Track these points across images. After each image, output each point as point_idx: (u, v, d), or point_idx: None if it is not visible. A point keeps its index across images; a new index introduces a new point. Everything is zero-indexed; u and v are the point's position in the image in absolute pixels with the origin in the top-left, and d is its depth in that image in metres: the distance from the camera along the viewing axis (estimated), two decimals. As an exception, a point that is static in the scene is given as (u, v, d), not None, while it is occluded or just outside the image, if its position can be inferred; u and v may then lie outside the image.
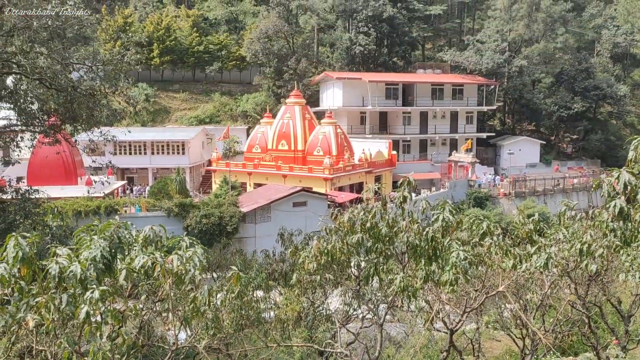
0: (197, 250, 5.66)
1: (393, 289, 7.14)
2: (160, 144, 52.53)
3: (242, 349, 9.11)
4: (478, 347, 12.76)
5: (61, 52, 17.72)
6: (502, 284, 7.72)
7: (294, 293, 14.53)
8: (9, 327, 4.91)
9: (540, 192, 52.90)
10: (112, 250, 5.31)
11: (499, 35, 63.83)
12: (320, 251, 7.59)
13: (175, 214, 37.56)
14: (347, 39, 64.96)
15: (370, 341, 12.09)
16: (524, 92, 64.39)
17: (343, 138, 50.00)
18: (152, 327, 6.22)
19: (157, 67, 66.55)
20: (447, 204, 7.35)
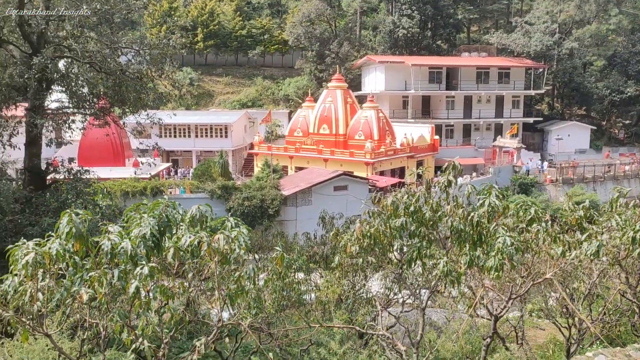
0: (242, 230, 5.75)
1: (436, 273, 7.08)
2: (204, 127, 53.37)
3: (284, 328, 9.23)
4: (522, 335, 12.53)
5: (110, 36, 18.16)
6: (549, 271, 7.53)
7: (335, 276, 14.59)
8: (64, 300, 5.12)
9: (589, 179, 51.18)
10: (160, 228, 5.45)
11: (548, 17, 61.57)
12: (363, 234, 7.58)
13: (218, 196, 38.22)
14: (390, 21, 64.03)
15: (411, 325, 12.03)
16: (574, 76, 62.11)
17: (385, 122, 49.57)
18: (197, 305, 6.38)
19: (201, 51, 67.40)
20: (493, 189, 7.20)
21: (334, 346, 12.65)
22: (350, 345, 12.47)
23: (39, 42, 17.07)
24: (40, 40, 17.12)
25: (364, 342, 13.60)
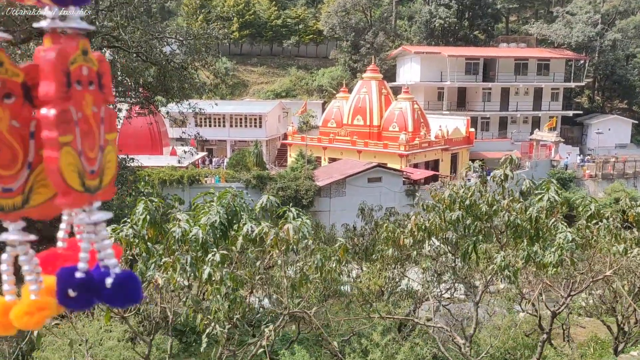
0: (305, 220, 5.85)
1: (492, 268, 7.06)
2: (239, 117, 53.81)
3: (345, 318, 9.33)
4: (567, 332, 12.39)
5: (156, 26, 18.48)
6: (609, 268, 7.43)
7: (376, 267, 14.65)
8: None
9: (630, 174, 49.77)
10: (228, 217, 5.59)
11: (591, 7, 59.84)
12: (418, 227, 7.61)
13: (253, 185, 38.61)
14: (426, 11, 63.21)
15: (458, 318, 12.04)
16: (617, 68, 60.30)
17: (419, 114, 49.11)
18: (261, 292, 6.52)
19: (236, 41, 67.81)
20: (552, 184, 7.12)
21: (376, 337, 12.75)
22: (392, 336, 12.54)
23: (89, 32, 17.40)
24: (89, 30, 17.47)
25: (406, 334, 13.66)
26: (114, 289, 0.91)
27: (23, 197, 0.91)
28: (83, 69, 0.89)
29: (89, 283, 0.91)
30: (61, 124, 0.85)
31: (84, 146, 0.89)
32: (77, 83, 0.88)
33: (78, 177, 0.87)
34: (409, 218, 9.67)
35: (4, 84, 0.88)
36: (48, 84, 0.86)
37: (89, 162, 0.89)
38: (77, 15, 0.88)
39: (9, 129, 0.89)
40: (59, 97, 0.85)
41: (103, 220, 0.91)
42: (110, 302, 0.92)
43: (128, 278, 0.92)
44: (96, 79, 0.92)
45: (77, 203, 0.88)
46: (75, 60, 0.88)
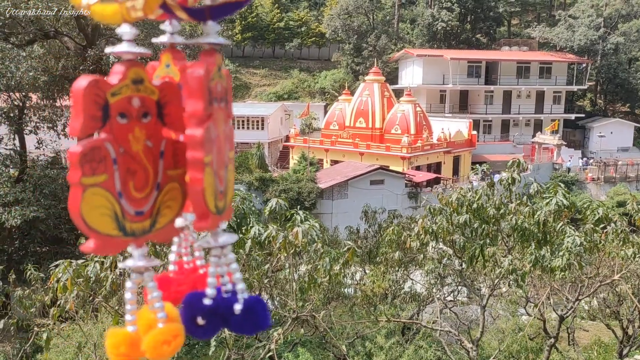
0: (314, 224, 5.84)
1: (500, 271, 7.05)
2: (241, 119, 53.85)
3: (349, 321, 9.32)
4: (572, 336, 12.37)
5: (159, 28, 18.51)
6: (618, 272, 7.42)
7: (380, 270, 14.64)
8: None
9: (632, 178, 49.72)
10: (237, 220, 5.59)
11: (593, 10, 59.86)
12: (425, 230, 7.61)
13: (256, 187, 38.60)
14: (429, 14, 63.29)
15: (463, 321, 12.03)
16: (619, 71, 60.30)
17: (422, 117, 49.12)
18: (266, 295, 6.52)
19: (239, 43, 67.93)
20: (559, 187, 7.11)
21: (380, 340, 12.73)
22: (396, 339, 12.53)
23: (94, 35, 17.51)
24: (95, 32, 17.56)
25: (410, 337, 13.64)
26: (243, 315, 0.87)
27: (151, 220, 0.88)
28: (133, 101, 0.85)
29: (216, 309, 0.88)
30: (206, 144, 0.81)
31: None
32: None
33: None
34: (414, 221, 9.67)
35: (144, 102, 0.86)
36: (196, 102, 0.82)
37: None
38: (215, 30, 0.85)
39: (144, 149, 0.87)
40: (206, 115, 0.82)
41: (230, 243, 0.89)
42: (239, 329, 0.88)
43: (255, 303, 0.88)
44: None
45: (214, 225, 0.85)
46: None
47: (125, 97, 0.84)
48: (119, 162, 0.83)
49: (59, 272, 5.58)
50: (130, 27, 0.83)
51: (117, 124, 0.83)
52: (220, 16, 0.85)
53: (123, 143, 0.84)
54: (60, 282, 5.54)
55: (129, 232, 0.85)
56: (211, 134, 0.83)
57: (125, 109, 0.84)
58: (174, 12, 0.82)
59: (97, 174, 0.81)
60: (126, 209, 0.85)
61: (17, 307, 10.03)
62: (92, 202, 0.80)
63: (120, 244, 0.84)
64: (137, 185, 0.86)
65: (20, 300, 8.79)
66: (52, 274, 5.76)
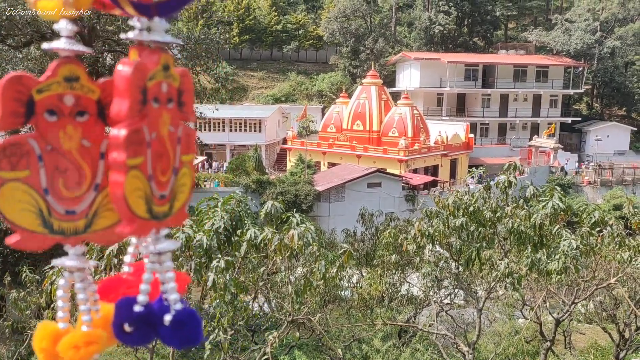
0: (309, 226, 5.84)
1: (496, 275, 7.05)
2: (238, 122, 53.81)
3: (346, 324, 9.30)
4: (569, 339, 12.37)
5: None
6: (613, 275, 7.42)
7: (377, 273, 14.65)
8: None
9: (628, 181, 49.85)
10: (233, 223, 5.57)
11: (590, 14, 60.07)
12: (421, 233, 7.60)
13: (253, 190, 38.56)
14: (426, 18, 63.42)
15: (460, 324, 12.02)
16: (615, 75, 60.49)
17: (419, 120, 49.17)
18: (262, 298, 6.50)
19: (237, 45, 67.93)
20: (555, 191, 7.12)
21: (377, 343, 12.71)
22: (393, 342, 12.51)
23: (90, 36, 17.50)
24: (91, 34, 17.55)
25: (406, 340, 13.63)
26: (172, 327, 0.82)
27: (86, 221, 0.86)
28: (162, 86, 0.83)
29: (148, 317, 0.83)
30: (131, 146, 0.78)
31: (156, 169, 0.83)
32: (154, 101, 0.82)
33: (144, 203, 0.81)
34: (410, 224, 9.66)
35: (79, 100, 0.84)
36: (121, 101, 0.79)
37: (159, 186, 0.83)
38: (162, 28, 0.82)
39: (79, 148, 0.84)
40: (131, 115, 0.79)
41: (168, 250, 0.85)
42: (166, 341, 0.83)
43: (188, 317, 0.83)
44: (176, 96, 0.86)
45: (140, 231, 0.82)
46: (155, 76, 0.81)
47: (55, 95, 0.82)
48: (45, 159, 0.81)
49: (53, 275, 5.55)
50: (67, 23, 0.82)
51: (44, 121, 0.81)
52: (167, 13, 0.83)
53: (51, 140, 0.82)
54: (55, 284, 5.51)
55: (56, 230, 0.83)
56: (143, 135, 0.80)
57: (55, 106, 0.82)
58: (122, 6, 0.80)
59: (18, 169, 0.79)
60: (54, 206, 0.83)
61: (12, 309, 9.99)
62: (12, 196, 0.79)
63: (45, 240, 0.83)
64: (67, 183, 0.84)
65: (15, 303, 8.75)
66: (47, 276, 5.73)
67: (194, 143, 0.91)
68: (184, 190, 0.89)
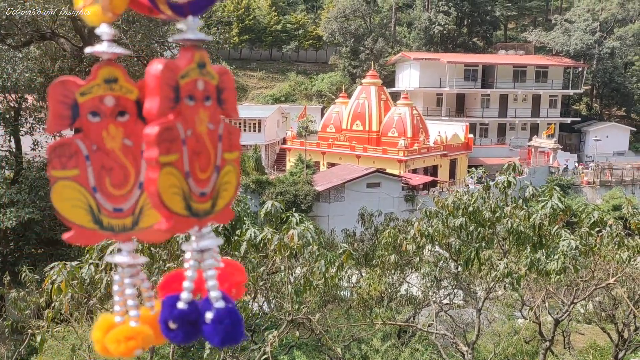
0: (309, 226, 5.84)
1: (495, 275, 7.06)
2: (237, 121, 53.70)
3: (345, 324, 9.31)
4: (568, 339, 12.39)
5: (157, 30, 18.52)
6: (612, 275, 7.44)
7: (376, 273, 14.65)
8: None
9: (628, 181, 49.90)
10: (232, 222, 5.58)
11: (589, 15, 60.11)
12: (421, 233, 7.61)
13: (252, 190, 38.58)
14: (425, 18, 63.45)
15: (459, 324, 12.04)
16: (615, 76, 60.53)
17: (419, 120, 49.19)
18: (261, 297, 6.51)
19: (236, 45, 67.93)
20: (554, 191, 7.13)
21: (376, 343, 12.72)
22: (392, 342, 12.52)
23: (90, 36, 17.48)
24: (91, 33, 17.51)
25: (406, 340, 13.64)
26: (213, 324, 0.83)
27: (133, 219, 0.89)
28: (198, 83, 0.84)
29: (191, 315, 0.85)
30: (163, 143, 0.80)
31: (193, 166, 0.84)
32: (188, 98, 0.83)
33: (182, 199, 0.82)
34: (410, 224, 9.67)
35: (118, 101, 0.86)
36: (152, 99, 0.81)
37: (198, 183, 0.84)
38: (194, 26, 0.83)
39: (122, 147, 0.87)
40: (163, 113, 0.81)
41: (210, 248, 0.86)
42: (209, 338, 0.84)
43: (228, 314, 0.84)
44: (214, 94, 0.87)
45: (178, 228, 0.83)
46: (188, 74, 0.83)
47: (97, 97, 0.85)
48: (92, 158, 0.85)
49: (53, 274, 5.56)
50: (108, 27, 0.84)
51: (88, 122, 0.85)
52: (200, 11, 0.84)
53: (96, 140, 0.85)
54: (55, 284, 5.52)
55: (106, 227, 0.87)
56: (177, 133, 0.82)
57: (97, 107, 0.85)
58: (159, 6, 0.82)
59: (67, 168, 0.83)
60: (102, 204, 0.86)
61: (12, 309, 9.99)
62: (63, 194, 0.83)
63: (96, 236, 0.86)
64: (114, 182, 0.87)
65: (14, 302, 8.75)
66: (47, 276, 5.74)
67: (238, 141, 0.92)
68: (228, 188, 0.90)
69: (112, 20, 0.83)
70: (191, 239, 0.88)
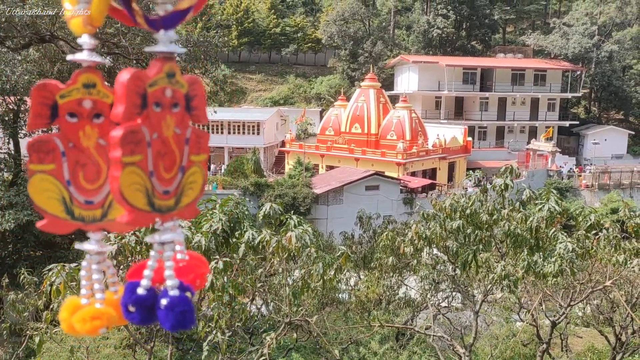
0: (307, 228, 5.86)
1: (492, 277, 7.08)
2: (236, 124, 53.81)
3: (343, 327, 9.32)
4: (566, 342, 12.40)
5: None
6: (609, 278, 7.46)
7: (374, 276, 14.66)
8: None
9: (626, 185, 49.97)
10: (231, 224, 5.60)
11: (587, 18, 60.29)
12: (418, 235, 7.63)
13: (251, 192, 38.58)
14: (424, 21, 63.59)
15: (457, 327, 12.05)
16: (613, 79, 60.69)
17: (417, 123, 49.25)
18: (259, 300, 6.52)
19: (235, 48, 68.03)
20: (551, 194, 7.16)
21: (374, 346, 12.72)
22: (390, 345, 12.52)
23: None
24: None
25: (404, 342, 13.64)
26: (166, 310, 0.92)
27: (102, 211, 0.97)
28: (166, 91, 0.91)
29: (147, 301, 0.93)
30: (127, 145, 0.87)
31: (157, 166, 0.90)
32: (155, 105, 0.90)
33: (144, 196, 0.89)
34: (408, 226, 9.69)
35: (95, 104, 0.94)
36: (119, 105, 0.88)
37: (162, 182, 0.91)
38: (166, 39, 0.91)
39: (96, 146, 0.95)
40: (128, 118, 0.87)
41: (170, 241, 0.93)
42: (161, 322, 0.93)
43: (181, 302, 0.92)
44: (183, 101, 0.94)
45: (140, 222, 0.90)
46: (157, 83, 0.90)
47: (75, 100, 0.93)
48: (68, 154, 0.93)
49: (52, 276, 5.58)
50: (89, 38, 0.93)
51: (66, 122, 0.93)
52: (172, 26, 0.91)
53: (73, 139, 0.94)
54: (53, 286, 5.54)
55: (77, 217, 0.95)
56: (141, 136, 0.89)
57: (75, 109, 0.93)
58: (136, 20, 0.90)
59: (45, 162, 0.91)
60: (75, 196, 0.94)
61: (10, 311, 9.99)
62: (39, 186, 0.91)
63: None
64: (87, 176, 0.95)
65: (13, 304, 8.76)
66: (46, 278, 5.76)
67: (206, 144, 0.99)
68: (194, 187, 0.98)
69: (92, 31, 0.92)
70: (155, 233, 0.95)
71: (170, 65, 0.91)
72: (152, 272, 0.95)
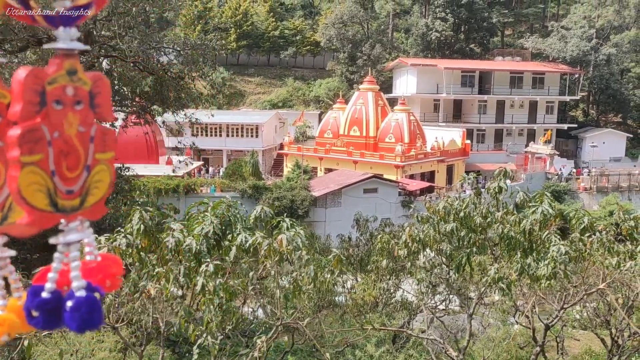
0: (299, 231, 5.85)
1: (486, 280, 7.07)
2: (235, 127, 53.83)
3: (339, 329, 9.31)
4: (562, 345, 12.38)
5: (153, 36, 18.51)
6: (603, 281, 7.46)
7: (371, 278, 14.63)
8: (132, 294, 5.31)
9: (624, 187, 49.99)
10: (222, 227, 5.60)
11: (585, 22, 60.42)
12: (412, 238, 7.63)
13: (249, 195, 38.57)
14: (423, 24, 63.70)
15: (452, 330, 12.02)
16: (611, 82, 60.79)
17: (416, 125, 49.28)
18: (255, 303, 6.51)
19: (234, 51, 68.10)
20: (545, 196, 7.16)
21: (370, 349, 12.69)
22: (387, 348, 12.49)
23: (86, 41, 17.46)
24: (88, 39, 17.52)
25: (400, 345, 13.61)
26: (71, 312, 0.89)
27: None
28: (67, 89, 0.90)
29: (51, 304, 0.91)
30: (25, 144, 0.85)
31: (60, 166, 0.89)
32: (55, 103, 0.89)
33: (46, 196, 0.87)
34: (404, 229, 9.67)
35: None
36: (16, 104, 0.87)
37: (65, 181, 0.90)
38: (67, 36, 0.90)
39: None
40: (26, 116, 0.86)
41: (76, 242, 0.91)
42: (68, 325, 0.90)
43: (87, 303, 0.90)
44: (87, 98, 0.93)
45: (41, 223, 0.88)
46: (56, 80, 0.89)
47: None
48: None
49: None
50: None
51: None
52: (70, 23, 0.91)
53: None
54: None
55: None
56: (41, 134, 0.88)
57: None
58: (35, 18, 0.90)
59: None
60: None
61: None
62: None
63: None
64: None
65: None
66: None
67: (111, 142, 0.97)
68: (100, 186, 0.96)
69: None
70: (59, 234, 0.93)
71: (72, 62, 0.91)
72: (56, 275, 0.92)
